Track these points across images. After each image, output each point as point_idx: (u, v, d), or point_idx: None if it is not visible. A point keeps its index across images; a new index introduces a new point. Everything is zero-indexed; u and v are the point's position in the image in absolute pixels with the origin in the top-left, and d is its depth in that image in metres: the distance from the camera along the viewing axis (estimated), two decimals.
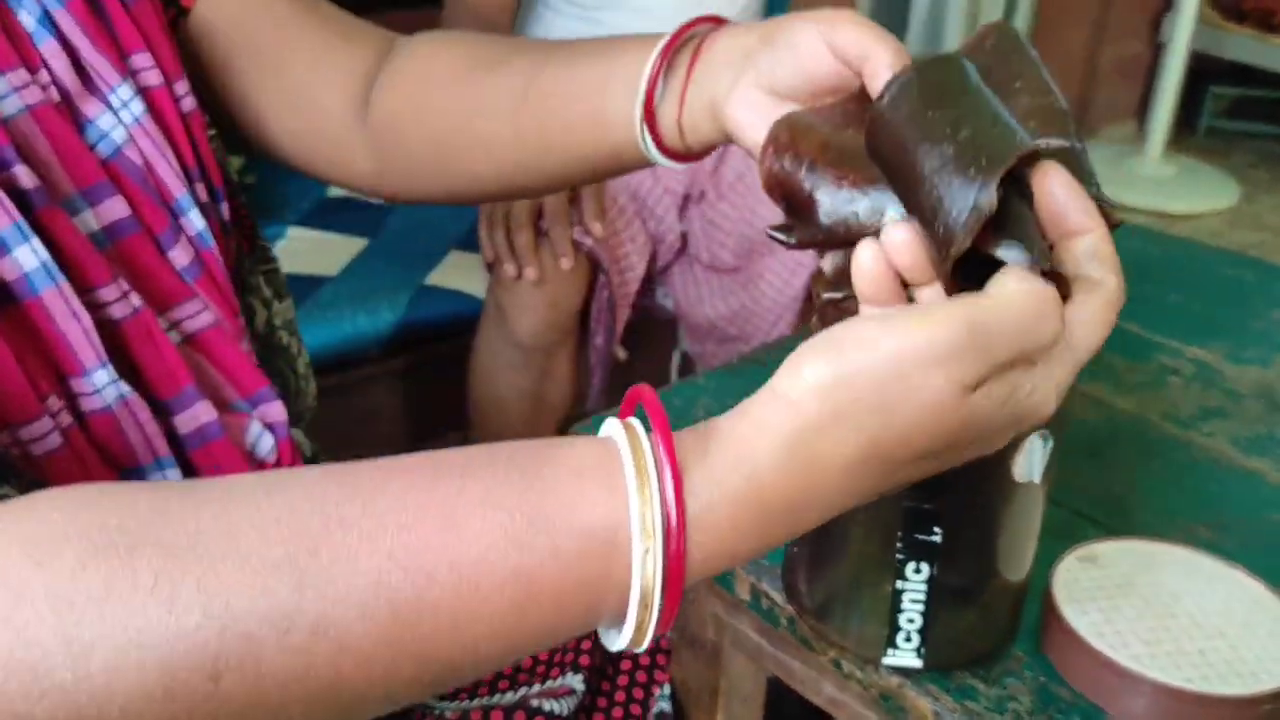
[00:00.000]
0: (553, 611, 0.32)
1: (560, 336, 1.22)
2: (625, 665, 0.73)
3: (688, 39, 0.52)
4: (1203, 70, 3.20)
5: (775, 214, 1.19)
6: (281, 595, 0.29)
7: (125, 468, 0.46)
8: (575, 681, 0.70)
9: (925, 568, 0.47)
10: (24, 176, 0.44)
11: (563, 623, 0.33)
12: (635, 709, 0.71)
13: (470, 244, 1.37)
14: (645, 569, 0.32)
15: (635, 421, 0.34)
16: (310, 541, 0.30)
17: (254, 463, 0.50)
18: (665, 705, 0.70)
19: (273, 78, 0.60)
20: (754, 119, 0.48)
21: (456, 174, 0.60)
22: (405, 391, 1.34)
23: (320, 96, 0.61)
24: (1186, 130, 3.24)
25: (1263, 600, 0.51)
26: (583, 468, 0.33)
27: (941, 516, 0.46)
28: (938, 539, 0.46)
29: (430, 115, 0.59)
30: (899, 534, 0.46)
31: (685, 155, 0.54)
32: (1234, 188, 2.87)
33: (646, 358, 1.46)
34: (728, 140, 0.51)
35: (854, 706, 0.57)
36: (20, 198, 0.43)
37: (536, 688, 0.71)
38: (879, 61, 0.44)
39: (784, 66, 0.47)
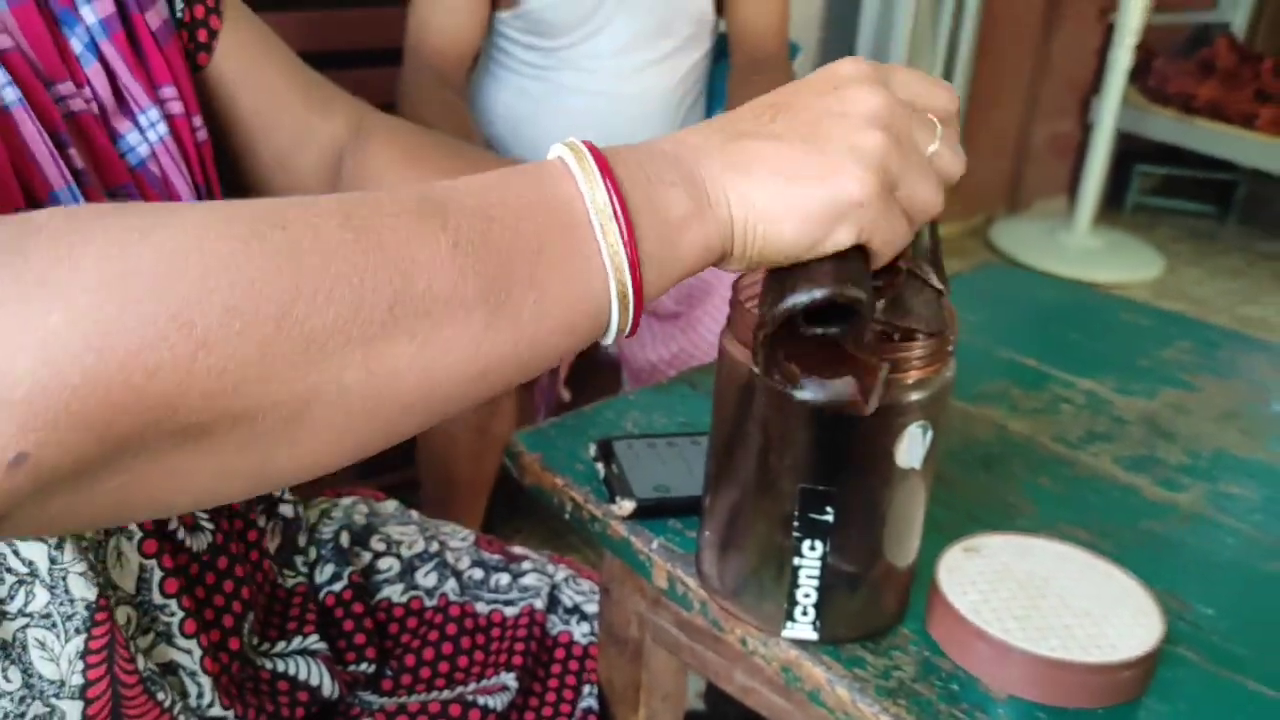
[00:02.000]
0: (531, 230, 0.38)
1: None
2: (555, 669, 0.77)
3: None
4: (1131, 150, 3.38)
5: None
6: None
7: None
8: (509, 679, 0.74)
9: (819, 545, 0.52)
10: (77, 158, 0.52)
11: (547, 243, 0.38)
12: (565, 708, 0.75)
13: None
14: (592, 193, 0.38)
15: None
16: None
17: None
18: (592, 702, 0.74)
19: (263, 137, 0.69)
20: None
21: None
22: None
23: (301, 160, 0.70)
24: (1115, 206, 3.41)
25: (1127, 587, 0.57)
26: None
27: (833, 497, 0.51)
28: (830, 518, 0.52)
29: None
30: (795, 514, 0.52)
31: None
32: (1159, 261, 3.01)
33: (590, 399, 1.51)
34: None
35: (763, 692, 0.62)
36: (76, 177, 0.52)
37: (472, 685, 0.74)
38: None
39: None
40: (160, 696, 0.57)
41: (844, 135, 0.40)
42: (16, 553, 0.51)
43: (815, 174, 0.40)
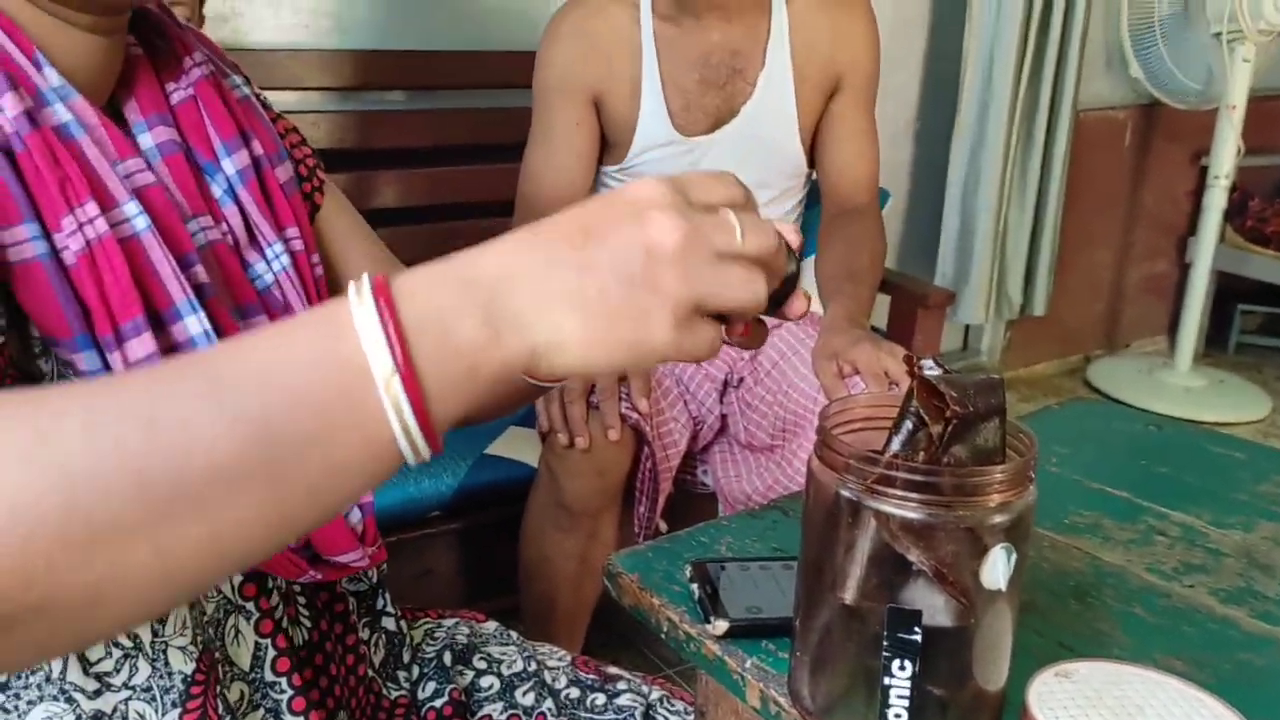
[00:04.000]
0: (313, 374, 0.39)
1: (606, 502, 1.31)
2: None
3: None
4: (1232, 289, 3.33)
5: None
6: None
7: None
8: None
9: (909, 665, 0.54)
10: (201, 274, 0.60)
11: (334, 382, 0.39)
12: None
13: (528, 421, 1.48)
14: (365, 322, 0.39)
15: None
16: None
17: (349, 528, 0.65)
18: None
19: (336, 285, 0.78)
20: None
21: None
22: (462, 551, 1.42)
23: None
24: (1219, 346, 3.34)
25: (1222, 716, 0.57)
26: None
27: (921, 617, 0.54)
28: (918, 638, 0.54)
29: None
30: (884, 633, 0.54)
31: None
32: (1265, 400, 2.93)
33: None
34: None
35: None
36: (198, 291, 0.59)
37: None
38: None
39: None
40: None
41: (649, 274, 0.44)
42: None
43: (624, 317, 0.43)
